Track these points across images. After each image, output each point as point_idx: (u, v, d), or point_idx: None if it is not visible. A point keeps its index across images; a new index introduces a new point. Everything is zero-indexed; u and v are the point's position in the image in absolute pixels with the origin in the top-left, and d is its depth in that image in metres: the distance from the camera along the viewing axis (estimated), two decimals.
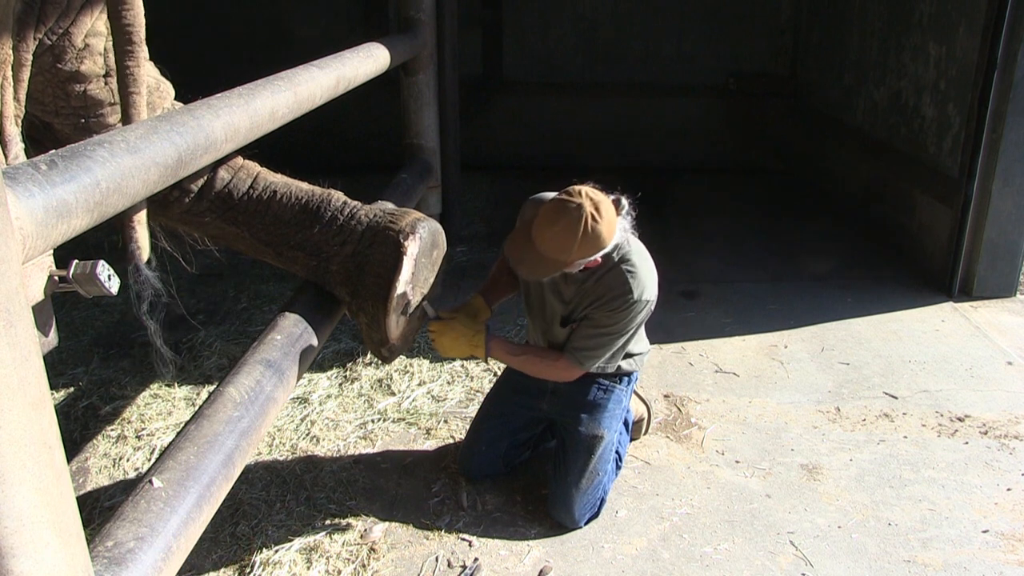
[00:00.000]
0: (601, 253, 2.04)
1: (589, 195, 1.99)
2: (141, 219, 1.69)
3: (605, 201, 2.01)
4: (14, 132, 1.37)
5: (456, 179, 4.31)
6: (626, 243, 2.14)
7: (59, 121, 1.69)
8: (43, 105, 1.66)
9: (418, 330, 2.18)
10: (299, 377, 1.83)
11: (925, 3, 4.27)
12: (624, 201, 2.12)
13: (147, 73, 1.80)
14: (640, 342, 2.40)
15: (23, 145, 1.37)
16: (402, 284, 1.93)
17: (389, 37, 3.16)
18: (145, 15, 1.84)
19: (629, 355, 2.36)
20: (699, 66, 6.24)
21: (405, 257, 1.91)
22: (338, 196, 2.02)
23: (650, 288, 2.16)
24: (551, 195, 2.08)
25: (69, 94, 1.65)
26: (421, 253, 1.98)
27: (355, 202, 2.03)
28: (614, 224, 2.03)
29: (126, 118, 1.60)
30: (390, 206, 2.05)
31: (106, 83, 1.67)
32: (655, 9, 6.12)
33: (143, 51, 1.58)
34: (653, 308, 2.24)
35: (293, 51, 3.01)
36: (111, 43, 1.65)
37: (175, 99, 1.91)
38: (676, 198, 5.67)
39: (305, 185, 2.03)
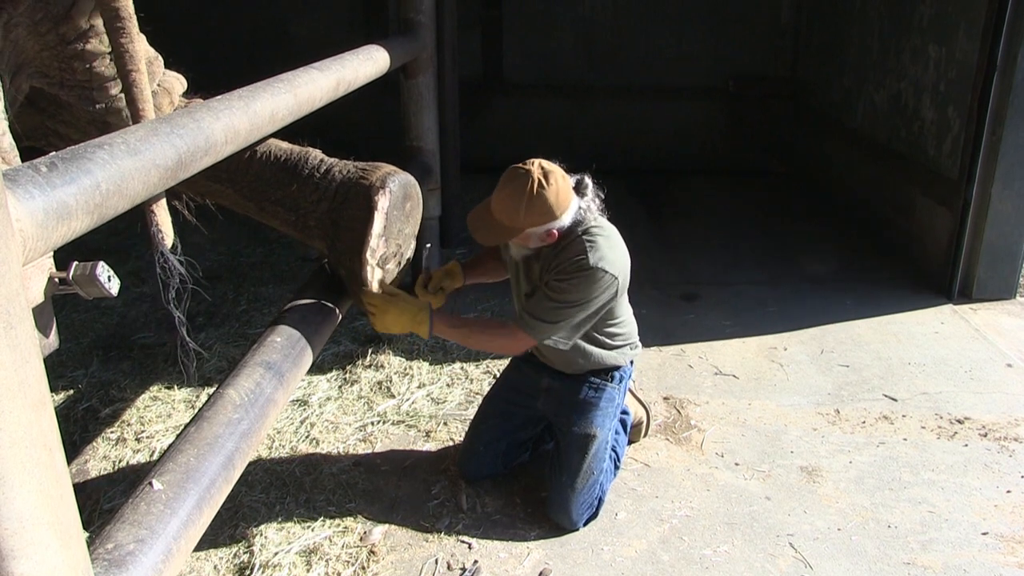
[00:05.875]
0: (555, 225, 2.06)
1: (541, 164, 2.05)
2: (162, 203, 1.71)
3: (556, 172, 2.06)
4: None
5: (456, 181, 4.31)
6: (592, 221, 2.15)
7: (64, 92, 1.73)
8: (48, 78, 1.70)
9: (396, 277, 2.29)
10: (299, 379, 1.83)
11: (925, 5, 4.27)
12: (588, 181, 2.15)
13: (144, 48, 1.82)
14: (623, 333, 2.35)
15: (6, 123, 1.36)
16: (375, 237, 2.03)
17: (389, 39, 3.17)
18: (145, 16, 1.85)
19: (610, 347, 2.31)
20: (699, 68, 6.24)
21: (376, 212, 2.01)
22: (315, 154, 2.12)
23: (610, 260, 2.10)
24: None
25: (75, 70, 1.69)
26: (392, 206, 2.08)
27: (332, 159, 2.12)
28: (566, 195, 2.06)
29: (129, 98, 1.61)
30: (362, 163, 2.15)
31: (111, 60, 1.71)
32: (655, 11, 6.12)
33: (134, 26, 1.58)
34: (618, 288, 2.16)
35: (293, 53, 3.01)
36: None
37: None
38: (676, 200, 5.67)
39: (285, 144, 2.13)
